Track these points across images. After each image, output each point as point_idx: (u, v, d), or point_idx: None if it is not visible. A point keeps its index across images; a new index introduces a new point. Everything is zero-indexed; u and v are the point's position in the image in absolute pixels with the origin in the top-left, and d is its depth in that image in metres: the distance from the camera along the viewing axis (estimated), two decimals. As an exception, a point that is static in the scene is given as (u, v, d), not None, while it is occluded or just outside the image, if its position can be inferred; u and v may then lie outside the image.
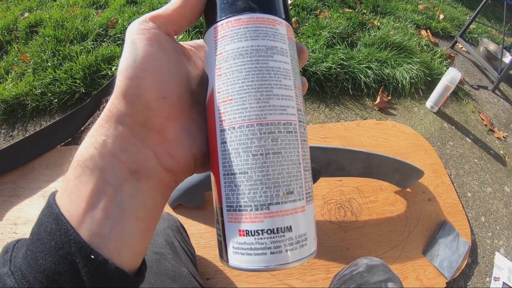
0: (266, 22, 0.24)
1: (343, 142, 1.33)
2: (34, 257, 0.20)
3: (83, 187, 0.21)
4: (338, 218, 1.10)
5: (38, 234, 0.21)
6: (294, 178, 0.23)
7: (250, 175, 0.22)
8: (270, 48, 0.24)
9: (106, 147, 0.22)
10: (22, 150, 1.13)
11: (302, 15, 1.98)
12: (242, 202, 0.22)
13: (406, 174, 1.10)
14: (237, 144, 0.22)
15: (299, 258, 0.22)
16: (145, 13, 1.50)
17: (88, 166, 0.22)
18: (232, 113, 0.23)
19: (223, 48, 0.24)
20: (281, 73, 0.24)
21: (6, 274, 0.20)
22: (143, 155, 0.23)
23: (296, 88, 0.25)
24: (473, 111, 1.77)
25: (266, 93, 0.23)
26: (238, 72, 0.23)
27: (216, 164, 0.24)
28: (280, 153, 0.22)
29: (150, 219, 0.24)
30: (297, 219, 0.22)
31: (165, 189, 0.25)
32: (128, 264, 0.22)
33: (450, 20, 2.55)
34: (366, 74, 1.63)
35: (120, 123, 0.23)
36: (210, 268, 0.93)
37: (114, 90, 0.23)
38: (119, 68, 0.23)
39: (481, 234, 1.22)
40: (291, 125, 0.23)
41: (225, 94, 0.23)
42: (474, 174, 1.41)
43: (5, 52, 1.67)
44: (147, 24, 0.24)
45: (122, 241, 0.21)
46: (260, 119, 0.22)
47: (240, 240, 0.22)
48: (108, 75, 1.45)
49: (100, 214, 0.21)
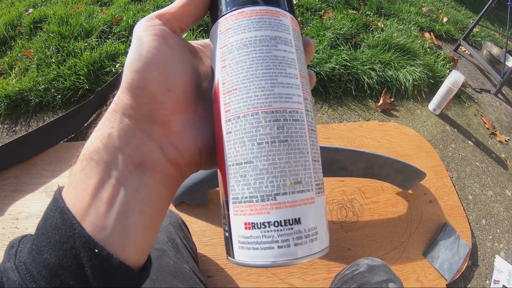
0: (269, 14, 0.24)
1: (346, 142, 1.33)
2: (39, 252, 0.20)
3: (88, 181, 0.21)
4: (340, 218, 1.10)
5: (44, 229, 0.21)
6: (302, 167, 0.22)
7: (255, 164, 0.21)
8: (274, 38, 0.23)
9: (111, 140, 0.22)
10: (25, 146, 1.13)
11: (306, 16, 1.98)
12: (248, 193, 0.21)
13: (408, 175, 1.10)
14: (242, 133, 0.22)
15: (309, 254, 0.21)
16: (150, 10, 1.51)
17: (93, 159, 0.22)
18: (236, 103, 0.22)
19: (227, 40, 0.24)
20: (286, 62, 0.23)
21: (10, 269, 0.20)
22: (148, 147, 0.23)
23: (302, 78, 0.24)
24: (475, 114, 1.77)
25: (271, 81, 0.22)
26: (242, 62, 0.23)
27: (221, 155, 0.23)
28: (287, 141, 0.22)
29: (154, 214, 0.23)
30: (306, 211, 0.22)
31: (170, 182, 0.25)
32: (133, 259, 0.21)
33: (453, 23, 2.55)
34: (369, 76, 1.63)
35: (126, 116, 0.23)
36: (211, 266, 0.94)
37: (120, 85, 0.24)
38: (125, 62, 0.24)
39: (482, 237, 1.22)
40: (298, 113, 0.23)
41: (230, 84, 0.23)
42: (475, 177, 1.41)
43: (9, 47, 1.68)
44: (153, 21, 0.25)
45: (126, 235, 0.21)
46: (265, 107, 0.22)
47: (246, 234, 0.21)
48: (112, 72, 1.46)
49: (104, 207, 0.21)
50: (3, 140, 1.27)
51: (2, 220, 1.00)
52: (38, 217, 0.98)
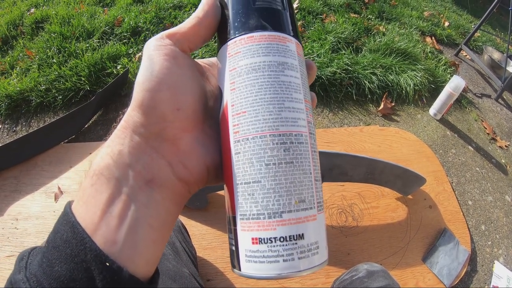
0: (277, 40, 0.25)
1: (346, 147, 1.33)
2: (49, 264, 0.20)
3: (99, 196, 0.22)
4: (339, 223, 1.10)
5: (54, 242, 0.21)
6: (306, 187, 0.23)
7: (263, 183, 0.22)
8: (281, 64, 0.25)
9: (122, 157, 0.23)
10: (25, 146, 1.13)
11: (308, 19, 1.98)
12: (256, 210, 0.23)
13: (408, 180, 1.10)
14: (250, 154, 0.23)
15: (311, 266, 0.23)
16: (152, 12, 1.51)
17: (104, 175, 0.22)
18: (246, 125, 0.23)
19: (237, 63, 0.25)
20: (292, 87, 0.25)
21: (21, 281, 0.20)
22: (158, 165, 0.24)
23: (306, 102, 0.26)
24: (476, 119, 1.77)
25: (278, 106, 0.23)
26: (252, 86, 0.24)
27: (229, 174, 0.24)
28: (292, 163, 0.23)
29: (162, 229, 0.24)
30: (309, 227, 0.23)
31: (179, 199, 0.26)
32: (142, 272, 0.22)
33: (455, 28, 2.55)
34: (370, 80, 1.63)
35: (136, 134, 0.24)
36: (211, 269, 0.93)
37: (131, 102, 0.24)
38: (136, 81, 0.24)
39: (481, 243, 1.22)
40: (302, 136, 0.24)
41: (239, 106, 0.24)
42: (475, 183, 1.41)
43: (11, 47, 1.68)
44: (164, 40, 0.25)
45: (135, 249, 0.22)
46: (272, 130, 0.23)
47: (253, 248, 0.22)
48: (113, 73, 1.46)
49: (115, 222, 0.21)
50: (4, 140, 1.27)
51: (2, 220, 1.00)
52: (38, 218, 0.99)
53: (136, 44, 1.64)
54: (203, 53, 1.57)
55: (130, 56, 1.56)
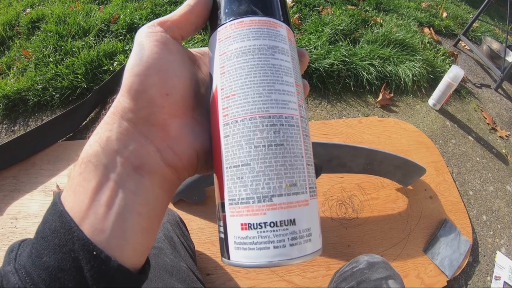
0: (268, 24, 0.25)
1: (345, 138, 1.33)
2: (38, 255, 0.20)
3: (87, 184, 0.22)
4: (339, 215, 1.10)
5: (43, 232, 0.21)
6: (297, 170, 0.23)
7: (252, 166, 0.22)
8: (271, 47, 0.25)
9: (110, 143, 0.23)
10: (24, 145, 1.13)
11: (305, 12, 1.97)
12: (245, 194, 0.22)
13: (408, 171, 1.10)
14: (239, 136, 0.23)
15: (303, 254, 0.22)
16: (147, 8, 1.50)
17: (92, 163, 0.22)
18: (235, 107, 0.23)
19: (227, 48, 0.25)
20: (282, 70, 0.24)
21: (10, 272, 0.20)
22: (146, 150, 0.24)
23: (297, 86, 0.25)
24: (475, 109, 1.76)
25: (268, 88, 0.23)
26: (241, 69, 0.24)
27: (219, 158, 0.24)
28: (283, 145, 0.23)
29: (152, 216, 0.24)
30: (301, 212, 0.22)
31: (168, 185, 0.25)
32: (131, 262, 0.22)
33: (453, 18, 2.54)
34: (368, 71, 1.62)
35: (124, 119, 0.24)
36: (210, 263, 0.93)
37: (120, 88, 0.24)
38: (126, 67, 0.24)
39: (483, 233, 1.21)
40: (293, 119, 0.24)
41: (228, 90, 0.24)
42: (476, 173, 1.41)
43: (7, 47, 1.68)
44: (155, 28, 0.25)
45: (124, 238, 0.21)
46: (262, 112, 0.23)
47: (242, 235, 0.22)
48: (109, 70, 1.45)
49: (102, 210, 0.21)
50: (2, 140, 1.26)
51: (1, 220, 1.00)
52: (37, 217, 0.98)
53: (132, 40, 1.63)
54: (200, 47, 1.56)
55: (127, 53, 1.55)
